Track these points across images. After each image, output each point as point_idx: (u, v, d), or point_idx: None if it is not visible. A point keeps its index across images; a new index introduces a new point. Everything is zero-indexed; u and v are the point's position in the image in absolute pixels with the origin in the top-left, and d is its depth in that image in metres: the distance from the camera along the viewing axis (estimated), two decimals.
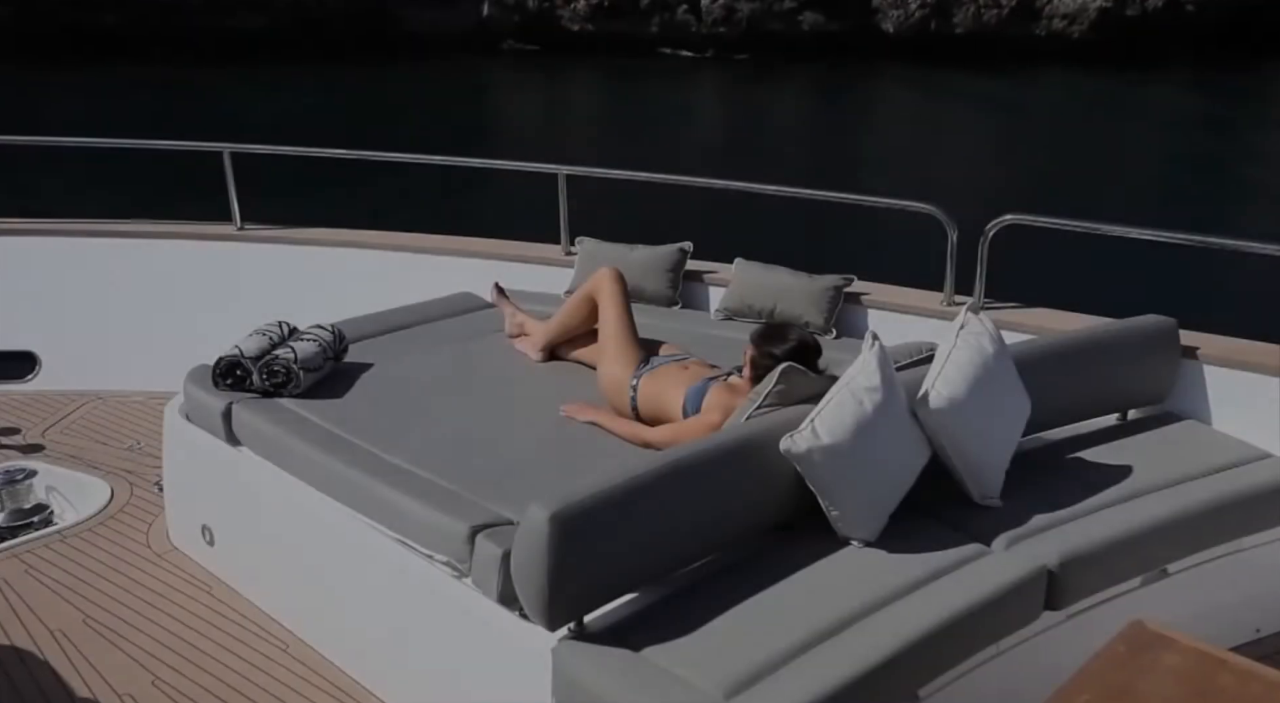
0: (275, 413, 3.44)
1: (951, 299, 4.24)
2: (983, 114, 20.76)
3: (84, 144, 5.85)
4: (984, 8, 25.59)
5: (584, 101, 23.30)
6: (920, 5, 25.56)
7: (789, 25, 25.60)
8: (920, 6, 25.58)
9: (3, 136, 5.92)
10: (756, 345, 3.17)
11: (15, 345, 5.23)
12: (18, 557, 3.75)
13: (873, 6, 25.70)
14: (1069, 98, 22.02)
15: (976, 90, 22.36)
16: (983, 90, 22.28)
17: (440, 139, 6.71)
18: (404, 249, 5.19)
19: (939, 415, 2.88)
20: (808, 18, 25.52)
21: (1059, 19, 25.68)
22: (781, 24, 25.60)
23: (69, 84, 20.30)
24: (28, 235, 5.36)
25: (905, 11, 25.57)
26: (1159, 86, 22.75)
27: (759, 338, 3.20)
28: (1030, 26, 25.80)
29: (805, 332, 3.32)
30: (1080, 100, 21.61)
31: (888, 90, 23.61)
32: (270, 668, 3.17)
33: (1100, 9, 25.49)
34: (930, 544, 2.73)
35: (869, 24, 25.73)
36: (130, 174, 6.37)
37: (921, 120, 20.92)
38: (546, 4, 25.65)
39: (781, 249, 5.01)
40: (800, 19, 25.57)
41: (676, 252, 4.62)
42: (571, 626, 2.42)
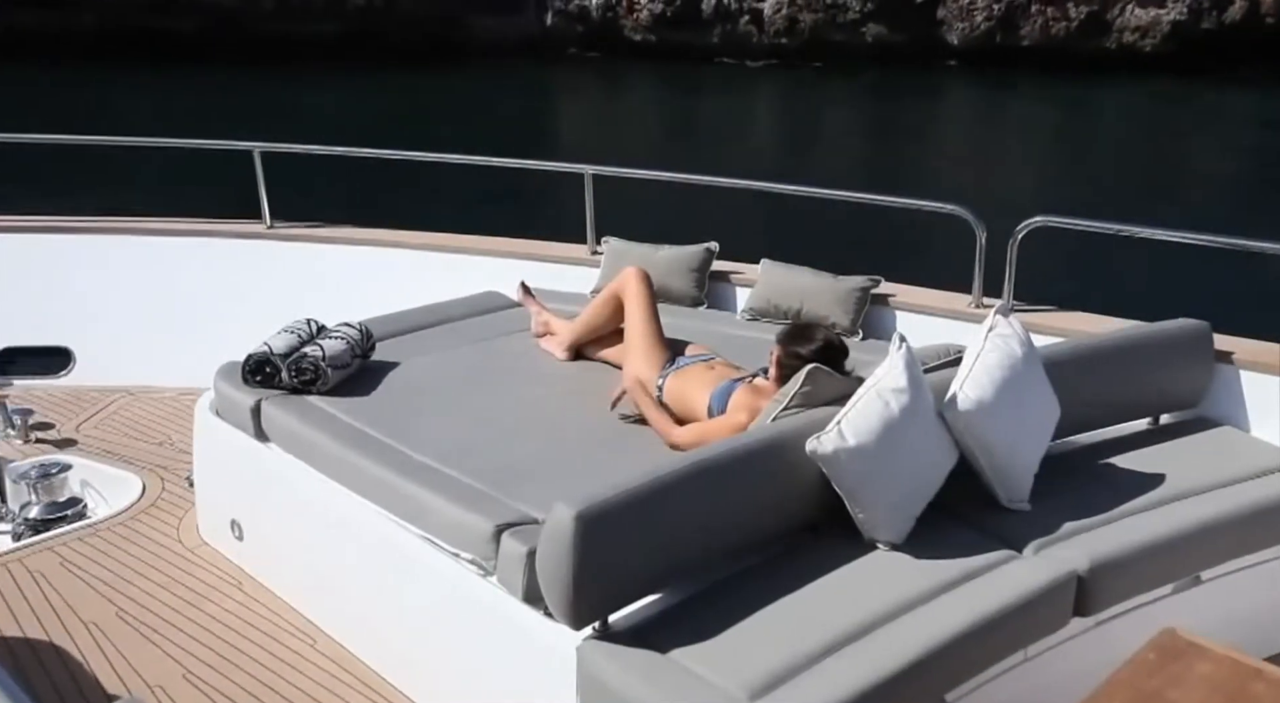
0: (303, 410, 3.48)
1: (980, 301, 4.20)
2: (1047, 125, 20.40)
3: (119, 142, 5.93)
4: (1052, 20, 25.09)
5: (642, 109, 23.33)
6: (986, 17, 25.19)
7: (851, 36, 25.37)
8: (986, 19, 25.20)
9: (41, 136, 6.02)
10: (783, 346, 3.16)
11: (50, 341, 5.31)
12: (52, 550, 3.81)
13: (937, 18, 25.35)
14: (1138, 110, 21.57)
15: (1042, 102, 21.97)
16: (1048, 102, 21.89)
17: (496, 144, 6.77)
18: (431, 248, 5.22)
19: (967, 418, 2.86)
20: (871, 29, 25.25)
21: (1130, 32, 25.10)
22: (844, 35, 25.37)
23: (147, 86, 20.78)
24: (63, 233, 5.45)
25: (971, 24, 25.21)
26: (1233, 99, 22.15)
27: (785, 338, 3.19)
28: (1100, 39, 25.23)
29: (831, 332, 3.31)
30: (1150, 112, 21.17)
31: (950, 102, 23.34)
32: (298, 663, 3.20)
33: (1174, 22, 24.89)
34: (957, 548, 2.70)
35: (933, 35, 25.38)
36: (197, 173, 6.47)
37: (982, 131, 20.62)
38: (610, 14, 25.78)
39: (809, 250, 4.98)
40: (863, 30, 25.31)
41: (703, 252, 4.62)
42: (596, 625, 2.43)
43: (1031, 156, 18.25)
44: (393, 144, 5.74)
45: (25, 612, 3.44)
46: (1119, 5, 24.98)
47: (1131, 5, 24.91)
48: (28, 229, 5.48)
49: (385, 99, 20.41)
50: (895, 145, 18.67)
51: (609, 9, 25.90)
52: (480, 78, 22.75)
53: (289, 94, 20.17)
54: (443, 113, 19.05)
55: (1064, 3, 25.01)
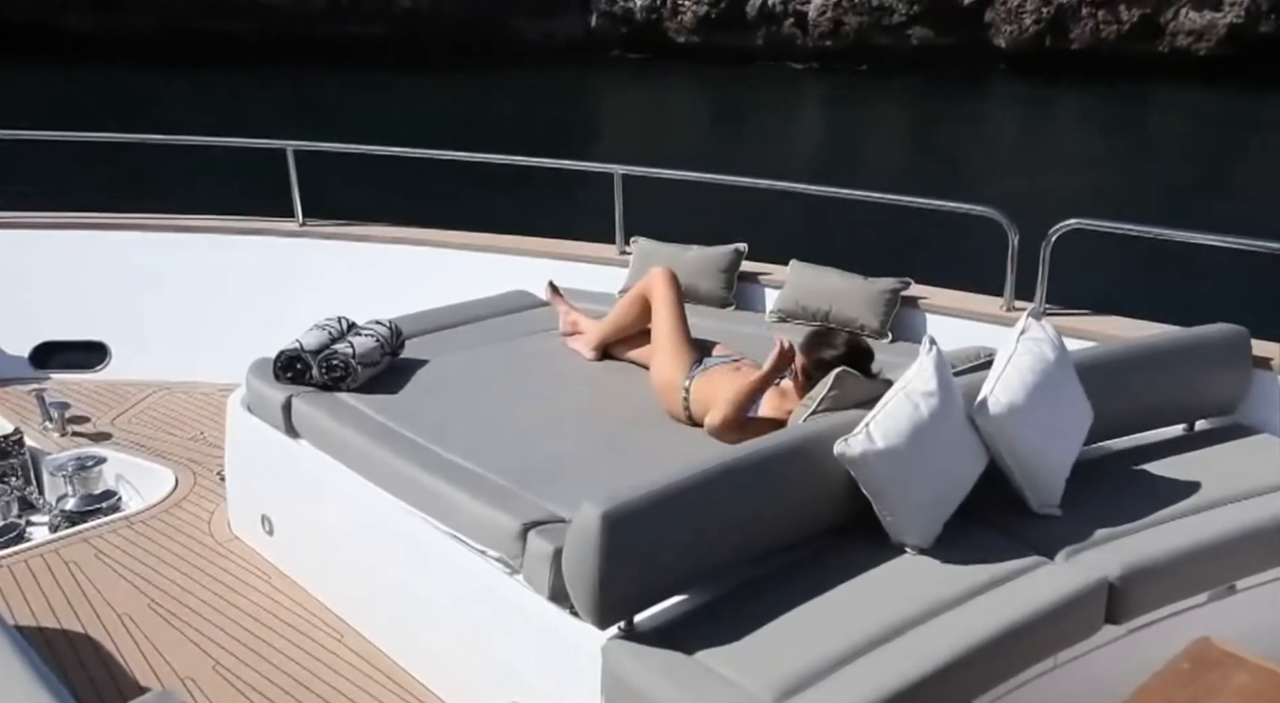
0: (333, 406, 3.51)
1: (1011, 304, 4.16)
2: (1095, 130, 20.01)
3: (155, 141, 6.03)
4: (1103, 23, 24.50)
5: (685, 110, 23.26)
6: (1035, 20, 24.67)
7: (897, 39, 24.99)
8: (1035, 22, 24.68)
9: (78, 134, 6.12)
10: (806, 353, 3.13)
11: (87, 336, 5.40)
12: (88, 541, 3.87)
13: (985, 21, 24.91)
14: (1191, 115, 21.05)
15: (1090, 107, 21.54)
16: (1097, 107, 21.47)
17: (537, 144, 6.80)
18: (461, 247, 5.25)
19: (997, 422, 2.83)
20: (917, 32, 24.85)
21: (1184, 35, 24.43)
22: (890, 38, 24.99)
23: (200, 87, 21.14)
24: (99, 229, 5.54)
25: (1019, 26, 24.70)
26: None
27: (807, 346, 3.16)
28: (1153, 43, 24.60)
29: (855, 335, 3.28)
30: (1203, 118, 20.63)
31: (996, 105, 22.96)
32: (326, 658, 3.23)
33: (1230, 25, 24.17)
34: (986, 553, 2.68)
35: (981, 39, 24.94)
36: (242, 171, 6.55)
37: (1028, 135, 20.25)
38: (654, 15, 25.71)
39: (839, 252, 4.96)
40: (909, 33, 24.92)
41: (731, 252, 4.61)
42: (622, 625, 2.43)
43: (1078, 162, 17.84)
44: (433, 145, 5.78)
45: (61, 602, 3.50)
46: (1173, 8, 24.33)
47: (1186, 8, 24.25)
48: (65, 225, 5.58)
49: (430, 101, 20.55)
50: (938, 149, 18.41)
51: (653, 11, 25.80)
52: (523, 79, 22.82)
53: (337, 95, 20.42)
54: (485, 114, 19.17)
55: (1115, 5, 24.43)
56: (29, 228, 5.57)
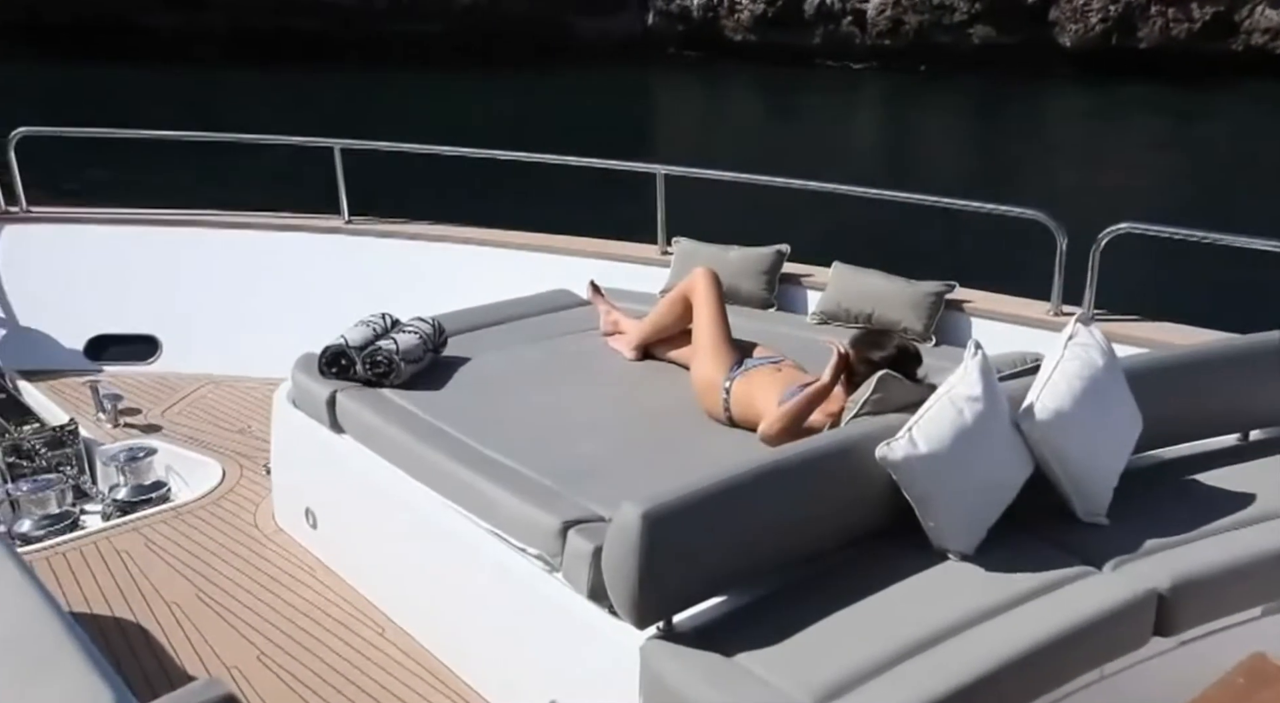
0: (376, 402, 3.55)
1: (1059, 309, 4.10)
2: (1162, 131, 19.42)
3: (206, 138, 6.14)
4: (1173, 21, 23.60)
5: (740, 110, 23.10)
6: (1102, 19, 23.94)
7: (958, 38, 24.45)
8: (1102, 20, 23.95)
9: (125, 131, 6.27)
10: (855, 350, 3.12)
11: (139, 330, 5.52)
12: (138, 530, 3.96)
13: (1049, 20, 24.19)
14: (1264, 113, 20.27)
15: (1158, 107, 20.85)
16: (1165, 107, 20.79)
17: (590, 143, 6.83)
18: (504, 245, 5.29)
19: (1044, 428, 2.79)
20: (979, 30, 24.28)
21: (1260, 33, 23.40)
22: (950, 37, 24.45)
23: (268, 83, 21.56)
24: (153, 225, 5.66)
25: (1085, 25, 23.96)
26: None
27: (857, 343, 3.15)
28: (1226, 41, 23.63)
29: (905, 339, 3.25)
30: (1277, 117, 19.87)
31: (1058, 106, 22.39)
32: (368, 651, 3.27)
33: None
34: (1031, 561, 2.64)
35: (1044, 37, 24.25)
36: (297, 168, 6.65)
37: (1092, 136, 19.69)
38: (710, 14, 25.53)
39: (883, 254, 4.91)
40: (970, 32, 24.37)
41: (774, 253, 4.59)
42: (660, 625, 2.43)
43: (1139, 164, 17.30)
44: (486, 143, 5.83)
45: (112, 589, 3.58)
46: (1248, 5, 23.33)
47: (1262, 4, 23.22)
48: (120, 221, 5.71)
49: (486, 98, 20.69)
50: (995, 151, 18.02)
51: (710, 9, 25.59)
52: (579, 77, 22.86)
53: (396, 92, 20.62)
54: (539, 112, 19.21)
55: (1187, 3, 23.54)
56: (86, 223, 5.71)
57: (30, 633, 2.19)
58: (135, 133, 6.27)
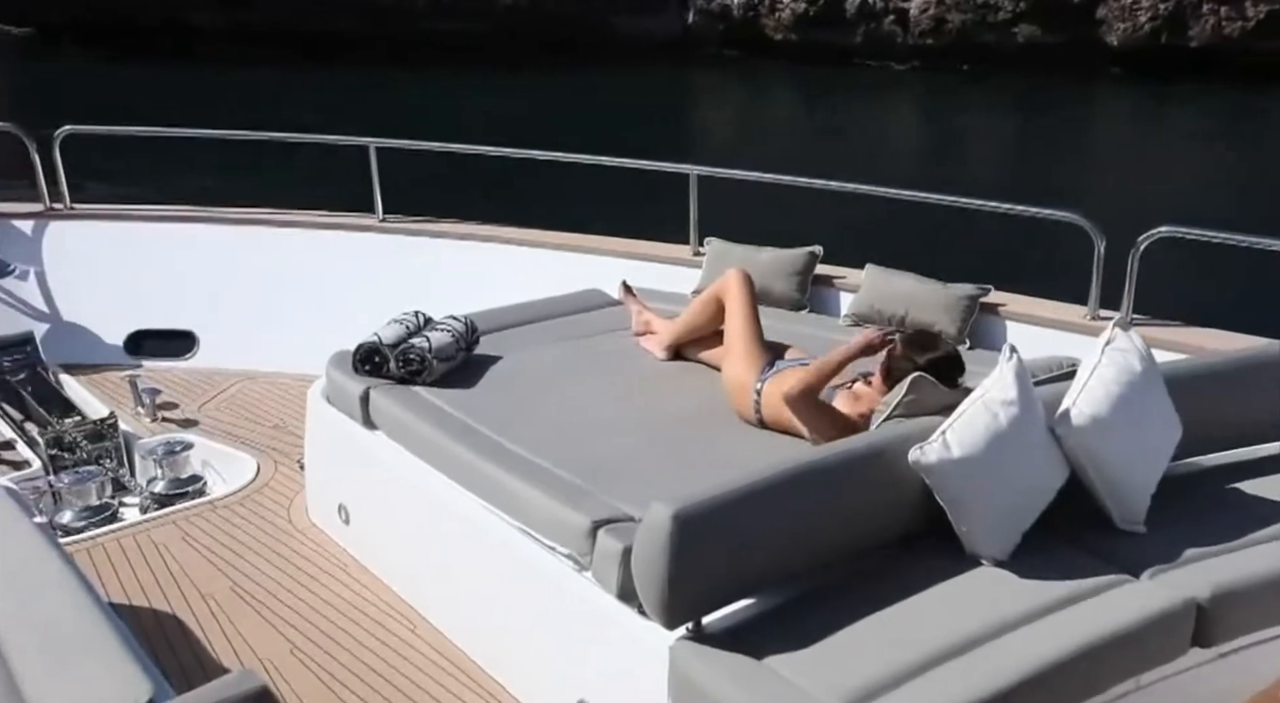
0: (409, 399, 3.58)
1: (1096, 313, 4.05)
2: (1212, 134, 18.94)
3: (244, 137, 6.22)
4: (1226, 20, 22.83)
5: (780, 110, 22.94)
6: (1151, 17, 23.28)
7: (1002, 37, 23.98)
8: (1151, 19, 23.29)
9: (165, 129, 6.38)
10: (903, 346, 3.10)
11: (178, 325, 5.61)
12: (175, 523, 4.02)
13: (1096, 18, 23.61)
14: None
15: (1208, 108, 20.36)
16: (1215, 108, 20.31)
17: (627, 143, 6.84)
18: (536, 245, 5.32)
19: (1080, 434, 2.75)
20: (1023, 29, 23.78)
21: None
22: (994, 36, 24.00)
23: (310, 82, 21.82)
24: (192, 223, 5.75)
25: (1133, 24, 23.32)
26: None
27: (908, 341, 3.12)
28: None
29: (954, 347, 3.23)
30: None
31: (1104, 107, 21.93)
32: (399, 646, 3.29)
33: None
34: (1066, 568, 2.60)
35: (1091, 36, 23.69)
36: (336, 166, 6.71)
37: (1139, 138, 19.32)
38: (751, 13, 25.38)
39: (917, 256, 4.87)
40: (1015, 31, 23.88)
41: (806, 255, 4.57)
42: (690, 626, 2.43)
43: (1184, 167, 16.84)
44: (526, 142, 5.86)
45: (150, 581, 3.64)
46: None
47: None
48: (160, 218, 5.80)
49: (526, 97, 20.71)
50: (1037, 152, 17.66)
51: (750, 8, 25.39)
52: (618, 77, 22.85)
53: (436, 91, 20.71)
54: (578, 111, 19.23)
55: (1241, 1, 22.76)
56: (127, 220, 5.80)
57: (72, 622, 2.23)
58: (175, 131, 6.37)
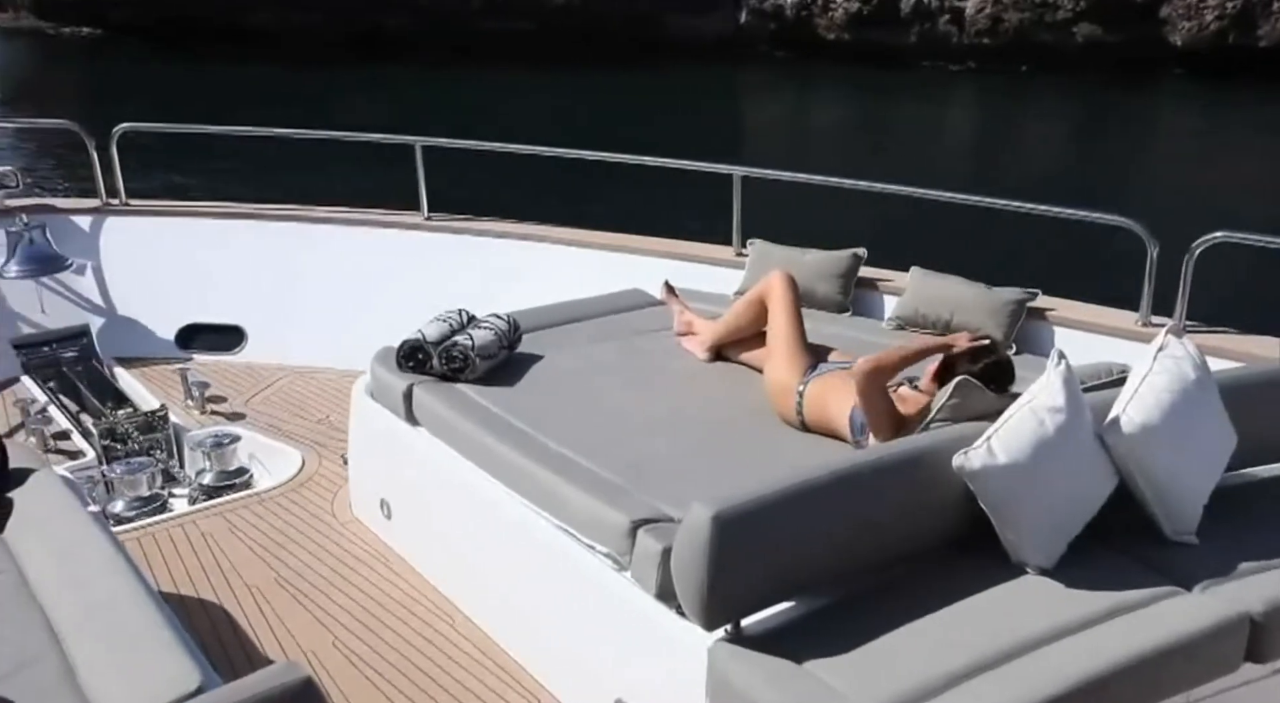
0: (452, 397, 3.61)
1: (1148, 320, 3.97)
2: (1276, 135, 18.38)
3: (290, 135, 6.32)
4: None
5: (830, 110, 22.75)
6: (1217, 16, 22.66)
7: (1061, 37, 23.48)
8: (1218, 18, 22.67)
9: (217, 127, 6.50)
10: (967, 351, 3.05)
11: (227, 320, 5.71)
12: (222, 515, 4.10)
13: (1160, 17, 23.06)
14: None
15: (1273, 110, 19.77)
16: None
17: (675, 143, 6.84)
18: (579, 244, 5.34)
19: (1130, 442, 2.70)
20: (1083, 29, 23.28)
21: None
22: (1052, 35, 23.49)
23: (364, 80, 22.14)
24: (242, 219, 5.84)
25: (1199, 23, 22.74)
26: None
27: (970, 349, 3.08)
28: None
29: (1006, 354, 3.18)
30: None
31: (1165, 109, 21.40)
32: (438, 641, 3.32)
33: None
34: (1114, 578, 2.55)
35: (1154, 36, 23.14)
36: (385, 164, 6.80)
37: (1196, 141, 18.82)
38: (804, 12, 25.18)
39: (964, 259, 4.81)
40: (1074, 30, 23.38)
41: (850, 257, 4.54)
42: (728, 627, 2.42)
43: (1254, 170, 16.34)
44: (573, 141, 5.88)
45: (197, 571, 3.72)
46: None
47: None
48: (211, 215, 5.91)
49: (575, 96, 20.74)
50: (1094, 155, 17.28)
51: (803, 7, 25.17)
52: (668, 77, 22.79)
53: (486, 90, 20.84)
54: (627, 111, 19.25)
55: None
56: (180, 216, 5.92)
57: (125, 609, 2.28)
58: (226, 129, 6.49)
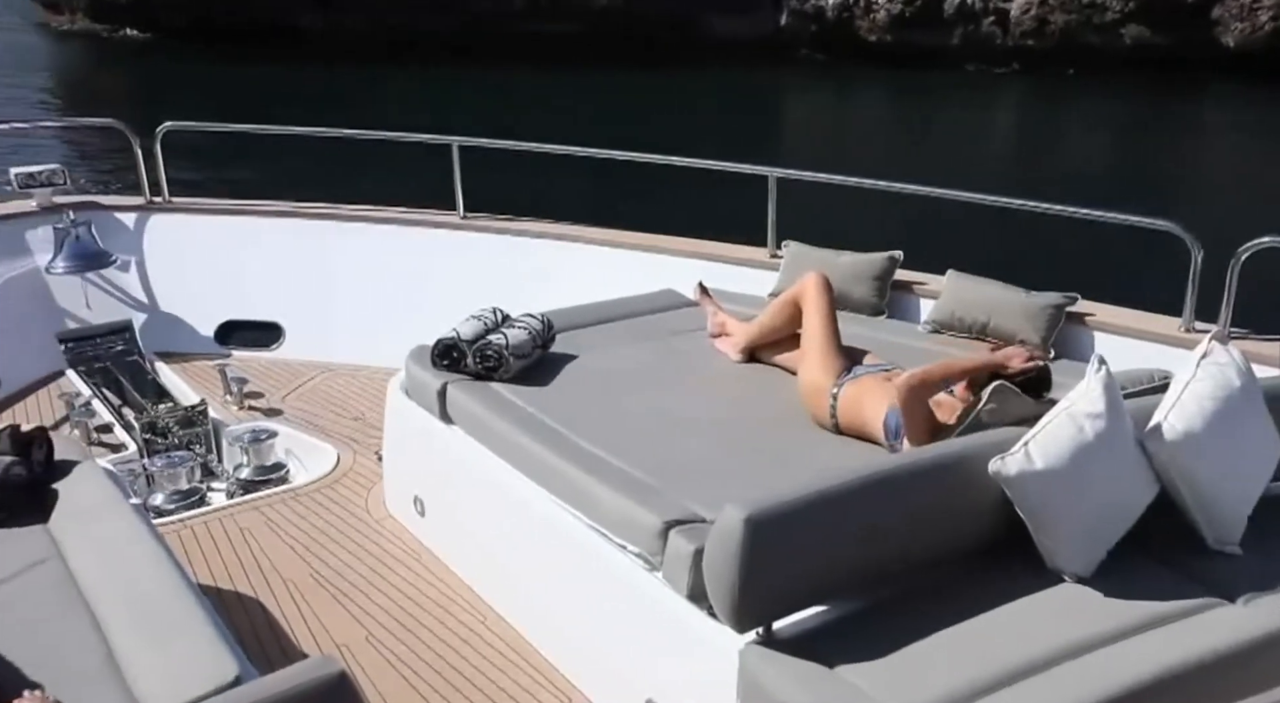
0: (485, 395, 3.62)
1: (1191, 325, 3.90)
2: None
3: (330, 134, 6.39)
4: None
5: (872, 113, 22.53)
6: (1273, 16, 21.96)
7: (1109, 38, 22.90)
8: (1273, 18, 21.97)
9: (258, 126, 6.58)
10: (1019, 373, 3.00)
11: (266, 316, 5.79)
12: (259, 509, 4.15)
13: (1211, 18, 22.41)
14: None
15: None
16: None
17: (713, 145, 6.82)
18: (613, 244, 5.34)
19: (1172, 449, 2.65)
20: (1131, 30, 22.68)
21: None
22: (1100, 37, 22.92)
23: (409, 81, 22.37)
24: (282, 217, 5.91)
25: (1253, 23, 22.08)
26: None
27: (1024, 371, 3.01)
28: None
29: (1046, 363, 3.14)
30: None
31: (1219, 110, 20.93)
32: (470, 638, 3.34)
33: None
34: (1154, 588, 2.51)
35: (1205, 37, 22.46)
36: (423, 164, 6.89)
37: (1246, 145, 18.32)
38: (845, 14, 24.89)
39: (1002, 263, 4.75)
40: (1123, 32, 22.79)
41: (886, 259, 4.50)
42: (760, 630, 2.41)
43: None
44: (613, 143, 5.89)
45: (235, 565, 3.77)
46: None
47: None
48: (252, 213, 5.99)
49: (616, 98, 20.76)
50: (1140, 160, 16.89)
51: (845, 9, 24.84)
52: (710, 77, 22.68)
53: (529, 91, 20.92)
54: (667, 112, 19.21)
55: None
56: (221, 214, 6.01)
57: (165, 600, 2.32)
58: (267, 128, 6.57)
